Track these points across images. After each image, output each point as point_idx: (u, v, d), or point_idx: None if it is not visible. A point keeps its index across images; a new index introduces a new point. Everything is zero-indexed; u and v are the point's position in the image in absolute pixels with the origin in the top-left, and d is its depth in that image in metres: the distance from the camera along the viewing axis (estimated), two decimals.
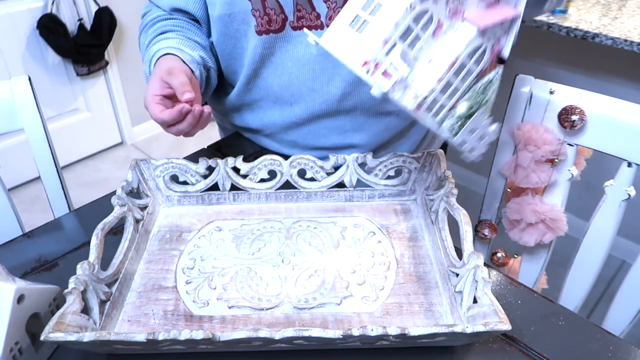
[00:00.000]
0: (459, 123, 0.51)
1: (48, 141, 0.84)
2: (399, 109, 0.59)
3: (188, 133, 0.65)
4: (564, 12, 1.45)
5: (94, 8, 2.10)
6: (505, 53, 0.52)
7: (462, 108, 0.51)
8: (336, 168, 0.72)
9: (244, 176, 0.72)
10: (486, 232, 0.88)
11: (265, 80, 0.79)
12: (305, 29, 0.50)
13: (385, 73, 0.45)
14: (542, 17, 1.42)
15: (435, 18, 0.46)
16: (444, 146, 1.00)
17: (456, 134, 0.52)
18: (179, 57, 0.70)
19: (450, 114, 0.50)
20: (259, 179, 0.72)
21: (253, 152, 0.89)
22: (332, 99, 0.78)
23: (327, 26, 0.70)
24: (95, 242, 0.56)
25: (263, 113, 0.85)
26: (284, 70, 0.77)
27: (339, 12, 0.61)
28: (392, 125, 0.84)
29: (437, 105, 0.49)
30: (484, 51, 0.49)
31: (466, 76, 0.50)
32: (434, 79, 0.47)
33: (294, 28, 0.72)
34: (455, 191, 0.62)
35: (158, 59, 0.70)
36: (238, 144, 0.92)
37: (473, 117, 0.51)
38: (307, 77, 0.76)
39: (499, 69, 0.52)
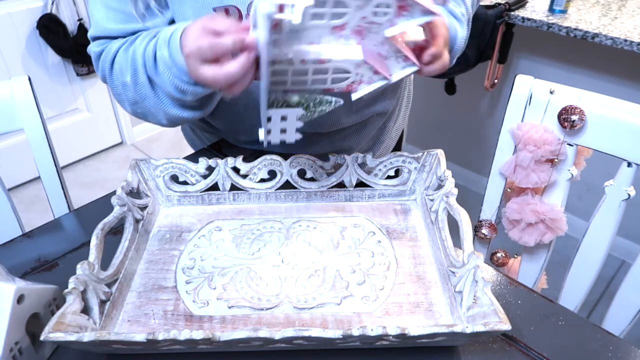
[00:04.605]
0: (280, 104, 0.55)
1: (48, 141, 0.84)
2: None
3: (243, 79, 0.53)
4: (564, 12, 1.45)
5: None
6: (354, 96, 0.57)
7: (292, 97, 0.55)
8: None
9: (244, 176, 0.72)
10: (486, 232, 0.88)
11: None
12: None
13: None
14: (542, 17, 1.42)
15: (346, 19, 0.50)
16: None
17: (271, 106, 0.54)
18: None
19: (282, 94, 0.54)
20: (259, 179, 0.72)
21: (253, 152, 0.89)
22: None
23: None
24: (95, 242, 0.56)
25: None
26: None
27: None
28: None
29: (283, 78, 0.53)
30: (346, 78, 0.55)
31: (318, 82, 0.54)
32: (300, 54, 0.51)
33: None
34: (455, 191, 0.62)
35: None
36: (237, 145, 0.92)
37: (292, 108, 0.55)
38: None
39: (337, 101, 0.56)
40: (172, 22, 0.70)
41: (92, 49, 0.70)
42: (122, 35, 0.68)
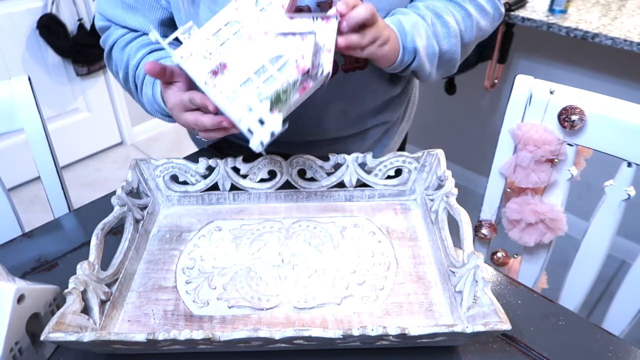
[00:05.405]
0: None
1: (48, 141, 0.84)
2: None
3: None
4: (564, 12, 1.45)
5: (94, 8, 2.10)
6: (309, 68, 0.56)
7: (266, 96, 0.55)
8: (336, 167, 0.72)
9: (244, 176, 0.72)
10: (486, 232, 0.88)
11: None
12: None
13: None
14: (542, 17, 1.42)
15: (248, 32, 0.56)
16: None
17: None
18: None
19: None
20: (258, 179, 0.72)
21: (253, 152, 0.88)
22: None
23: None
24: (95, 242, 0.56)
25: None
26: None
27: None
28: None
29: (239, 99, 0.55)
30: (286, 61, 0.55)
31: (269, 80, 0.55)
32: (240, 77, 0.55)
33: None
34: (455, 191, 0.62)
35: None
36: (238, 144, 0.92)
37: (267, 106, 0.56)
38: None
39: (295, 79, 0.56)
40: (170, 18, 0.72)
41: (96, 22, 0.78)
42: (121, 24, 0.74)
